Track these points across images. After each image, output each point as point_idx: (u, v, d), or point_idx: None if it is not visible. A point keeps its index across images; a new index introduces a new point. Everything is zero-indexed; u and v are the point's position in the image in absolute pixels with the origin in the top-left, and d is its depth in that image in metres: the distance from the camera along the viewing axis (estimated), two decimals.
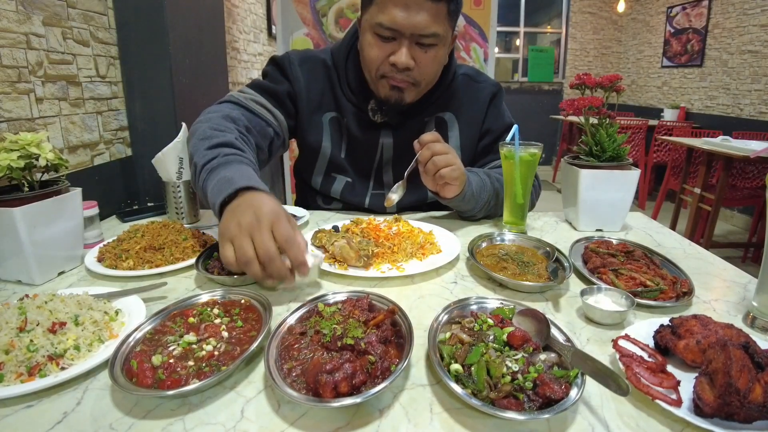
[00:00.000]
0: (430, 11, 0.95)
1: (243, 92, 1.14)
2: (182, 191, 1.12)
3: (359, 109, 1.16)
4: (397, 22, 0.96)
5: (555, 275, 0.79)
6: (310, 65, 1.16)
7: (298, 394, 0.50)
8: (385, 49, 1.01)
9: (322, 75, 1.17)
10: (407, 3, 0.94)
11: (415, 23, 0.96)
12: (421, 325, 0.67)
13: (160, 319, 0.65)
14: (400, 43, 0.99)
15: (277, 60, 1.17)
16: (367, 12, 1.02)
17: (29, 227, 0.77)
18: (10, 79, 1.01)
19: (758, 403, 0.46)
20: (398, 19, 0.95)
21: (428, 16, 0.96)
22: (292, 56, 1.17)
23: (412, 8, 0.95)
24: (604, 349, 0.63)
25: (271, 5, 3.83)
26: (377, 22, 0.98)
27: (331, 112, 1.18)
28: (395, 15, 0.95)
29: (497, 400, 0.49)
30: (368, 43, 1.03)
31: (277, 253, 0.69)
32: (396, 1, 0.95)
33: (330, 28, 2.57)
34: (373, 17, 0.99)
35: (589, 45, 6.86)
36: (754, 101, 4.35)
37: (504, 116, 1.25)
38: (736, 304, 0.77)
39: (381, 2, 0.97)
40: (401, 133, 1.17)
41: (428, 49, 1.01)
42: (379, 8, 0.97)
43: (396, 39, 0.99)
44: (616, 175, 1.06)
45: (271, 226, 0.70)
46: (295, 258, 0.70)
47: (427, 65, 1.03)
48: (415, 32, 0.97)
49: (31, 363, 0.55)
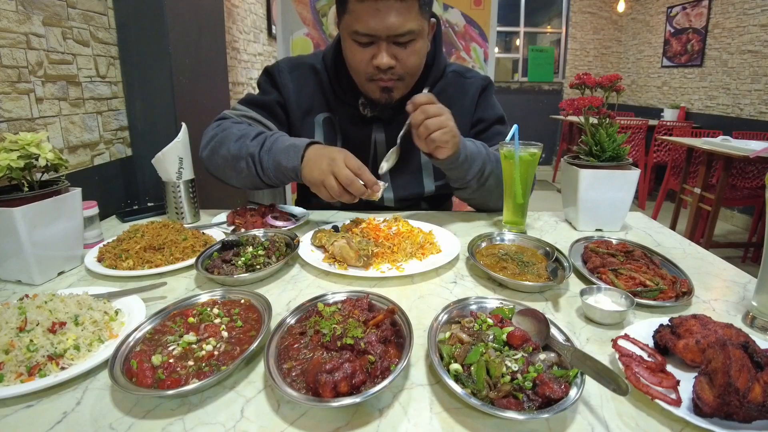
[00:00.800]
0: (400, 11, 0.97)
1: (236, 109, 1.21)
2: (182, 191, 1.12)
3: (350, 106, 1.19)
4: (372, 28, 0.98)
5: (555, 275, 0.79)
6: (299, 72, 1.21)
7: (297, 394, 0.50)
8: (366, 53, 1.04)
9: (312, 79, 1.21)
10: (377, 8, 0.96)
11: (388, 26, 0.98)
12: (421, 325, 0.67)
13: (160, 319, 0.65)
14: (378, 45, 1.02)
15: (268, 70, 1.23)
16: (343, 20, 1.04)
17: (29, 227, 0.77)
18: (10, 79, 1.01)
19: (757, 403, 0.46)
20: (371, 24, 0.98)
21: (399, 16, 0.98)
22: (282, 65, 1.22)
23: (382, 12, 0.97)
24: (604, 349, 0.63)
25: (271, 5, 3.83)
26: (353, 30, 1.01)
27: (324, 113, 1.21)
28: (368, 21, 0.98)
29: (497, 399, 0.49)
30: (350, 50, 1.06)
31: (355, 178, 0.92)
32: (366, 8, 0.97)
33: (330, 28, 2.57)
34: (349, 25, 1.02)
35: (589, 45, 6.86)
36: (754, 101, 4.35)
37: (495, 107, 1.27)
38: (736, 303, 0.77)
39: (353, 10, 0.99)
40: (393, 128, 1.19)
41: (407, 45, 1.03)
42: (352, 17, 1.00)
43: (374, 42, 1.02)
44: (616, 175, 1.06)
45: (345, 162, 0.94)
46: (368, 180, 0.94)
47: (408, 59, 1.05)
48: (390, 34, 0.99)
49: (31, 363, 0.55)
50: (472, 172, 1.10)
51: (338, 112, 1.20)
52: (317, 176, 0.95)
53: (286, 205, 1.27)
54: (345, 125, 1.21)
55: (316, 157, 0.97)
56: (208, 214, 1.22)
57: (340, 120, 1.20)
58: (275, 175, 1.04)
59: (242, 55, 3.31)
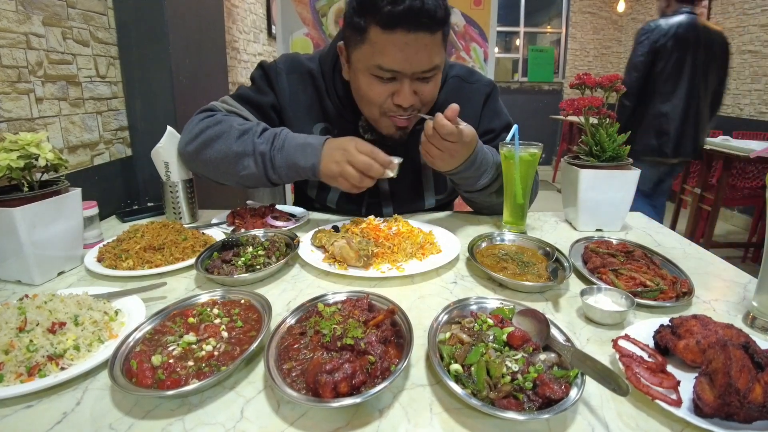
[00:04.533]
0: (428, 45, 0.91)
1: (225, 102, 1.12)
2: (180, 191, 1.11)
3: (349, 122, 1.13)
4: (399, 64, 0.91)
5: (555, 275, 0.79)
6: (297, 76, 1.13)
7: (297, 394, 0.50)
8: (385, 88, 0.96)
9: (309, 86, 1.13)
10: (407, 41, 0.89)
11: (418, 62, 0.91)
12: (421, 325, 0.67)
13: (160, 319, 0.65)
14: (401, 82, 0.95)
15: (264, 67, 1.14)
16: (359, 51, 0.95)
17: (29, 227, 0.77)
18: (10, 79, 1.01)
19: (758, 403, 0.46)
20: (399, 60, 0.91)
21: (428, 51, 0.91)
22: (280, 65, 1.14)
23: (411, 47, 0.89)
24: (604, 349, 0.63)
25: (271, 5, 3.83)
26: (376, 64, 0.92)
27: (321, 122, 1.15)
28: (395, 57, 0.90)
29: (497, 400, 0.49)
30: (366, 85, 0.97)
31: (372, 161, 0.93)
32: (395, 42, 0.89)
33: (330, 28, 2.57)
34: (368, 59, 0.93)
35: (589, 45, 6.85)
36: (754, 101, 4.34)
37: (501, 114, 1.22)
38: (736, 304, 0.77)
39: (376, 42, 0.91)
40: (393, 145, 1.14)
41: (429, 80, 0.98)
42: (375, 49, 0.91)
43: (396, 78, 0.95)
44: (616, 175, 1.06)
45: (356, 148, 0.94)
46: (383, 161, 0.94)
47: (428, 94, 1.00)
48: (417, 70, 0.93)
49: (30, 363, 0.55)
50: (481, 182, 1.06)
51: (336, 125, 1.14)
52: (335, 169, 0.94)
53: (285, 204, 1.27)
54: None
55: (330, 151, 0.96)
56: (208, 214, 1.22)
57: (338, 132, 1.12)
58: (287, 173, 1.00)
59: (242, 55, 3.31)
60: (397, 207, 1.20)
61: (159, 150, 1.09)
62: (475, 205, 1.22)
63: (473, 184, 1.07)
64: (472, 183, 1.06)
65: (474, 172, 1.03)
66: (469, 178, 1.05)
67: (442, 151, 0.94)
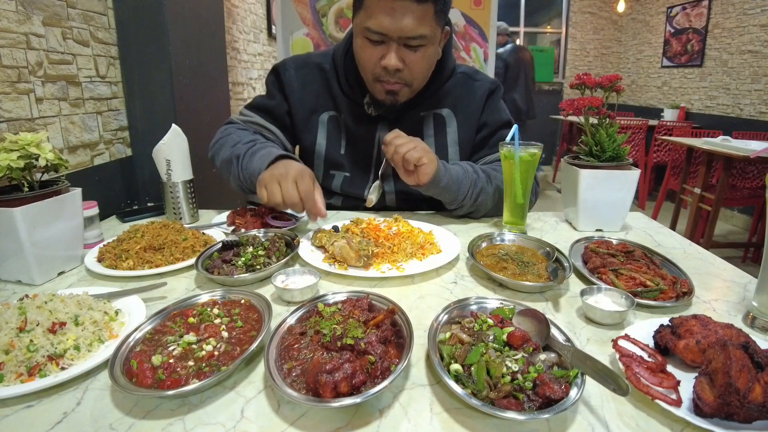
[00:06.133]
0: (415, 14, 0.97)
1: (242, 114, 1.25)
2: (180, 191, 1.11)
3: (356, 104, 1.19)
4: (384, 27, 0.98)
5: (555, 275, 0.79)
6: (306, 71, 1.22)
7: (298, 394, 0.50)
8: (375, 51, 1.04)
9: (318, 78, 1.22)
10: (393, 7, 0.96)
11: (401, 27, 0.98)
12: (421, 325, 0.67)
13: (160, 319, 0.65)
14: (388, 46, 1.02)
15: (275, 68, 1.24)
16: (358, 15, 1.04)
17: (29, 227, 0.77)
18: (10, 79, 1.01)
19: (758, 403, 0.46)
20: (385, 23, 0.98)
21: (414, 19, 0.98)
22: (289, 63, 1.24)
23: (397, 12, 0.97)
24: (604, 349, 0.63)
25: (271, 5, 3.83)
26: (366, 26, 1.00)
27: (329, 111, 1.22)
28: (382, 20, 0.98)
29: (497, 400, 0.49)
30: (359, 47, 1.07)
31: (299, 200, 0.94)
32: (382, 6, 0.97)
33: (330, 28, 2.57)
34: (362, 21, 1.02)
35: (589, 45, 6.85)
36: (754, 101, 4.34)
37: (501, 112, 1.27)
38: (736, 304, 0.77)
39: (369, 7, 0.99)
40: (397, 127, 1.17)
41: (417, 50, 1.03)
42: (367, 13, 1.00)
43: (384, 42, 1.02)
44: (616, 175, 1.06)
45: (296, 180, 0.95)
46: (310, 209, 0.97)
47: (416, 65, 1.05)
48: (402, 35, 1.00)
49: (31, 363, 0.55)
50: (461, 193, 1.10)
51: (344, 111, 1.21)
52: (266, 178, 0.98)
53: None
54: (350, 124, 1.21)
55: (278, 166, 1.00)
56: (208, 214, 1.22)
57: (346, 119, 1.21)
58: (250, 179, 1.07)
59: (242, 55, 3.31)
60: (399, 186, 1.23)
61: (162, 147, 1.09)
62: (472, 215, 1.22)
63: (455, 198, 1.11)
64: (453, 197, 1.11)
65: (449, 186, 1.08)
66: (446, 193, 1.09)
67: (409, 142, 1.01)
